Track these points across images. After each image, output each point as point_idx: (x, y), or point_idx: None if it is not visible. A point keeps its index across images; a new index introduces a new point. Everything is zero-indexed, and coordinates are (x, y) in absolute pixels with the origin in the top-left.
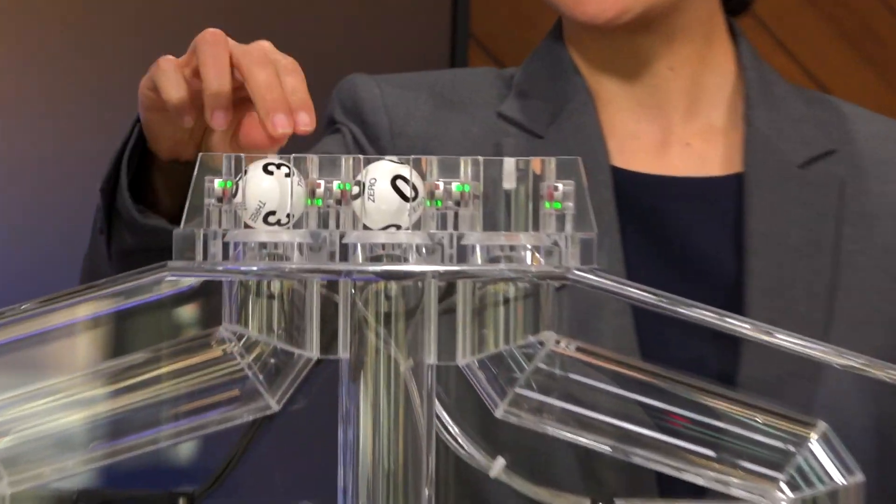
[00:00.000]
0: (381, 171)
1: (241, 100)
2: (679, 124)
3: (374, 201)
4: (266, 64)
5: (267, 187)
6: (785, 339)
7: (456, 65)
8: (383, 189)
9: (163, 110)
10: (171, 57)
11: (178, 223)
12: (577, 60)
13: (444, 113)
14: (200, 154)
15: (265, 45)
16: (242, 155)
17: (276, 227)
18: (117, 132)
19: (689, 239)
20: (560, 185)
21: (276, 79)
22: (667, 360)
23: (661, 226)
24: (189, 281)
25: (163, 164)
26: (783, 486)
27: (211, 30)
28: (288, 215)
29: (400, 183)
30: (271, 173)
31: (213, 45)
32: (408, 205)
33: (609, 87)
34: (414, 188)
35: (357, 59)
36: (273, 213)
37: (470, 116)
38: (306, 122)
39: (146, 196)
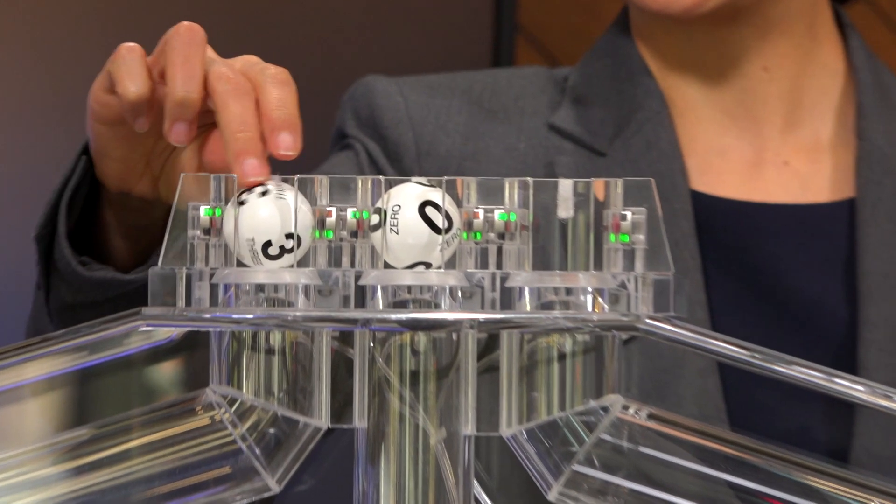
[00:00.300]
0: (407, 195)
1: (209, 114)
2: (775, 138)
3: (398, 233)
4: (243, 94)
5: (265, 216)
6: None
7: (500, 62)
8: (410, 218)
9: (117, 123)
10: (134, 45)
11: (131, 271)
12: (648, 59)
13: (483, 125)
14: (182, 175)
15: (250, 59)
16: (234, 175)
17: (278, 264)
18: None
19: (788, 280)
20: (629, 214)
21: (253, 114)
22: (762, 430)
23: (753, 264)
24: (168, 332)
25: (112, 198)
26: None
27: (186, 24)
28: (289, 235)
29: (430, 210)
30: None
31: (187, 43)
32: (440, 238)
33: (688, 92)
34: (447, 217)
35: (381, 56)
36: (270, 243)
37: (515, 129)
38: (288, 144)
39: (95, 239)
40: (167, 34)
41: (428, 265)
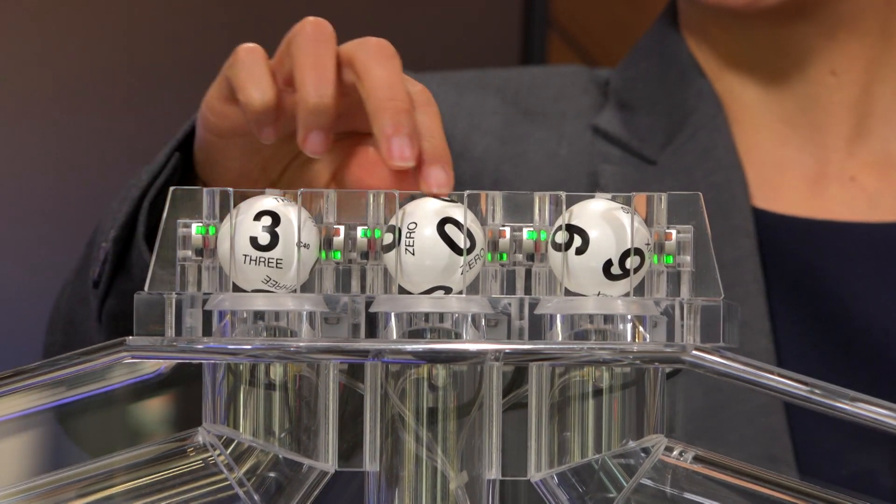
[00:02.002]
0: (425, 212)
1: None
2: (841, 150)
3: (414, 254)
4: (389, 58)
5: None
6: None
7: (530, 60)
8: (427, 237)
9: (235, 135)
10: (253, 46)
11: None
12: (700, 59)
13: (521, 128)
14: (172, 188)
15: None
16: (230, 189)
17: (276, 291)
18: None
19: (856, 308)
20: (674, 232)
21: (402, 82)
22: (832, 471)
23: (818, 290)
24: (156, 365)
25: None
26: None
27: (312, 20)
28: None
29: (450, 229)
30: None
31: (316, 41)
32: (461, 259)
33: (744, 96)
34: (469, 236)
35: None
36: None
37: (556, 133)
38: (441, 180)
39: None
40: (290, 33)
41: (448, 290)
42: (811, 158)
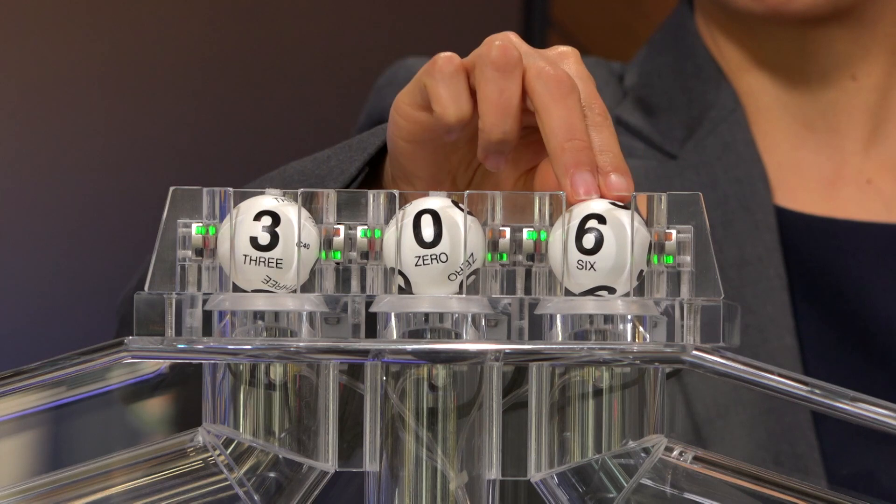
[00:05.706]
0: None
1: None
2: (857, 154)
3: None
4: (567, 94)
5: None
6: None
7: None
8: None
9: (423, 139)
10: (453, 58)
11: None
12: (719, 56)
13: None
14: (172, 188)
15: (567, 55)
16: (230, 189)
17: (276, 291)
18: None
19: (875, 307)
20: (674, 232)
21: (580, 118)
22: (857, 466)
23: (837, 288)
24: (156, 365)
25: None
26: None
27: (498, 46)
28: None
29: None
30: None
31: (504, 70)
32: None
33: (763, 97)
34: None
35: (397, 53)
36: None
37: None
38: (622, 186)
39: None
40: (478, 52)
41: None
42: (828, 161)
